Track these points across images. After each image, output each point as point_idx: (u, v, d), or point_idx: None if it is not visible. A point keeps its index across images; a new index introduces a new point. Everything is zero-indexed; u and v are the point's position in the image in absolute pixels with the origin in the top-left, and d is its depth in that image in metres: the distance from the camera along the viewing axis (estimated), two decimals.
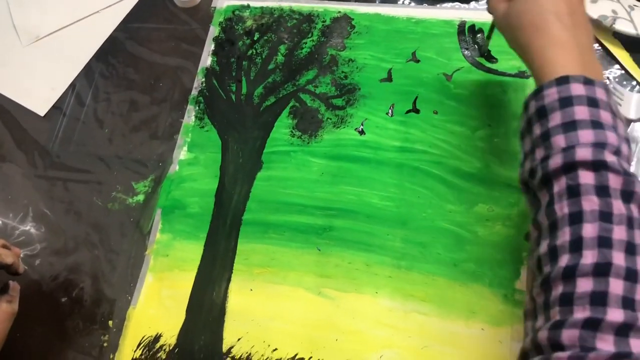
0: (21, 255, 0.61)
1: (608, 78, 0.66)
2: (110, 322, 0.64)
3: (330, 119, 0.70)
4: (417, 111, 0.68)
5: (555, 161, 0.43)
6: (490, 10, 0.56)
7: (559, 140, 0.43)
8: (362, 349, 0.58)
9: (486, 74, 0.69)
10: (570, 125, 0.43)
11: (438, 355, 0.57)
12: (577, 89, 0.44)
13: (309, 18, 0.77)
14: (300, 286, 0.62)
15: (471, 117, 0.67)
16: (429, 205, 0.63)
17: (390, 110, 0.69)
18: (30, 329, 0.65)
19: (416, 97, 0.69)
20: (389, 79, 0.71)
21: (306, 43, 0.75)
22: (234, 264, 0.64)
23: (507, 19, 0.51)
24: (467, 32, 0.72)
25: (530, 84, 0.67)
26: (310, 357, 0.59)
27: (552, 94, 0.45)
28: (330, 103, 0.71)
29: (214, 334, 0.61)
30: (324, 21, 0.76)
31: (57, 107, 0.78)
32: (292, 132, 0.70)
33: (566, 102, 0.44)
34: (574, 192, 0.41)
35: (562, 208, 0.42)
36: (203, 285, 0.64)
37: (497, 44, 0.69)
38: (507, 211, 0.62)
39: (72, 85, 0.79)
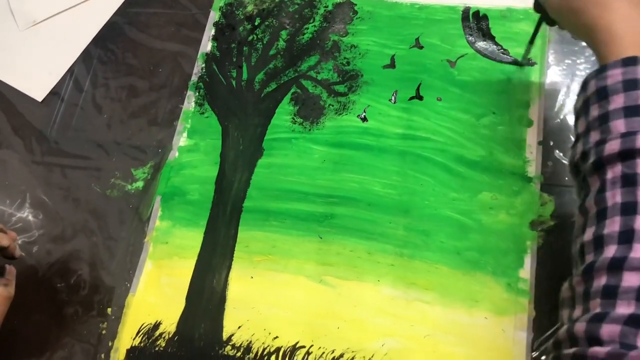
0: (18, 241, 0.60)
1: None
2: (109, 310, 0.63)
3: (332, 105, 0.69)
4: (420, 98, 0.67)
5: (612, 146, 0.40)
6: (539, 2, 0.53)
7: (619, 125, 0.41)
8: (363, 337, 0.58)
9: (490, 61, 0.68)
10: (633, 110, 0.40)
11: (440, 344, 0.57)
12: None
13: (310, 3, 0.75)
14: (301, 274, 0.61)
15: (475, 104, 0.66)
16: (431, 193, 0.63)
17: (393, 97, 0.68)
18: (28, 317, 0.64)
19: (419, 84, 0.68)
20: (392, 65, 0.70)
21: (308, 28, 0.74)
22: (235, 252, 0.64)
23: (565, 2, 0.48)
24: (471, 18, 0.70)
25: (535, 71, 0.66)
26: (311, 346, 0.58)
27: (616, 75, 0.42)
28: (332, 89, 0.70)
29: (214, 322, 0.61)
30: (326, 6, 0.75)
31: (54, 93, 0.77)
32: (293, 118, 0.69)
33: (631, 84, 0.41)
34: (629, 180, 0.39)
35: (615, 196, 0.39)
36: (203, 272, 0.63)
37: (502, 30, 0.69)
38: (511, 199, 0.61)
39: (70, 71, 0.78)
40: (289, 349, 0.58)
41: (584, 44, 0.65)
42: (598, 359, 0.35)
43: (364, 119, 0.67)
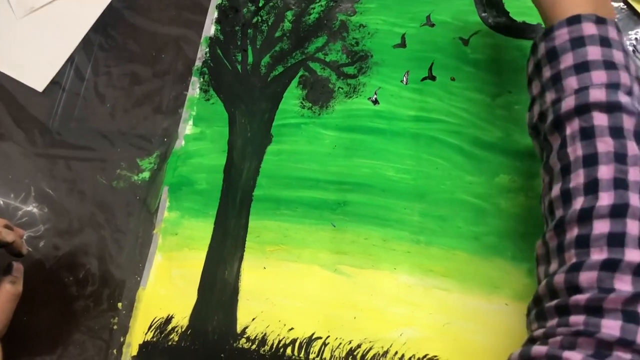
0: (24, 237, 0.59)
1: (636, 39, 0.63)
2: (119, 304, 0.62)
3: (342, 88, 0.67)
4: (433, 78, 0.65)
5: (568, 103, 0.42)
6: None
7: (572, 82, 0.43)
8: (381, 327, 0.57)
9: (505, 38, 0.65)
10: (583, 67, 0.42)
11: (460, 332, 0.55)
12: (589, 29, 0.43)
13: None
14: (316, 263, 0.60)
15: (490, 83, 0.64)
16: (447, 176, 0.61)
17: (404, 78, 0.66)
18: (37, 313, 0.63)
19: (432, 64, 0.65)
20: (403, 44, 0.67)
21: (314, 8, 0.71)
22: (246, 242, 0.62)
23: None
24: None
25: None
26: (328, 337, 0.57)
27: (562, 35, 0.44)
28: (341, 72, 0.67)
29: (227, 314, 0.59)
30: None
31: (55, 82, 0.74)
32: (302, 103, 0.67)
33: (578, 42, 0.43)
34: (587, 134, 0.41)
35: (576, 150, 0.41)
36: (214, 264, 0.62)
37: (516, 5, 0.66)
38: (530, 182, 0.59)
39: (71, 59, 0.75)
40: (305, 341, 0.57)
41: None
42: (579, 306, 0.36)
43: (375, 102, 0.65)
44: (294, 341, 0.57)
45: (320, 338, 0.57)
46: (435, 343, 0.55)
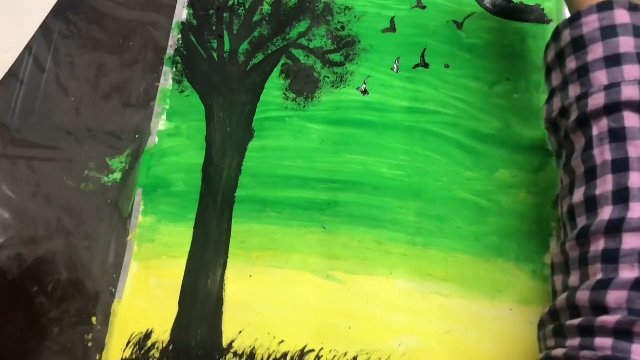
0: None
1: None
2: (93, 319, 0.57)
3: (328, 77, 0.62)
4: (426, 65, 0.61)
5: (596, 101, 0.38)
6: None
7: (600, 77, 0.38)
8: (378, 336, 0.53)
9: (502, 20, 0.61)
10: (614, 59, 0.38)
11: (462, 340, 0.52)
12: (622, 17, 0.39)
13: None
14: (306, 270, 0.56)
15: (487, 70, 0.60)
16: (444, 172, 0.57)
17: (395, 66, 0.61)
18: (2, 331, 0.58)
19: (424, 50, 0.61)
20: (393, 29, 0.63)
21: None
22: (229, 248, 0.57)
23: None
24: None
25: (551, 30, 0.59)
26: (322, 349, 0.53)
27: (592, 22, 0.39)
28: (327, 59, 0.62)
29: (212, 328, 0.55)
30: None
31: (12, 74, 0.68)
32: (285, 94, 0.62)
33: (609, 32, 0.39)
34: (617, 135, 0.37)
35: (603, 153, 0.37)
36: (196, 273, 0.57)
37: None
38: (533, 176, 0.55)
39: (28, 48, 0.69)
40: (297, 354, 0.53)
41: None
42: (607, 329, 0.33)
43: (365, 92, 0.61)
44: (285, 355, 0.53)
45: (314, 351, 0.53)
46: (437, 352, 0.52)
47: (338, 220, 0.57)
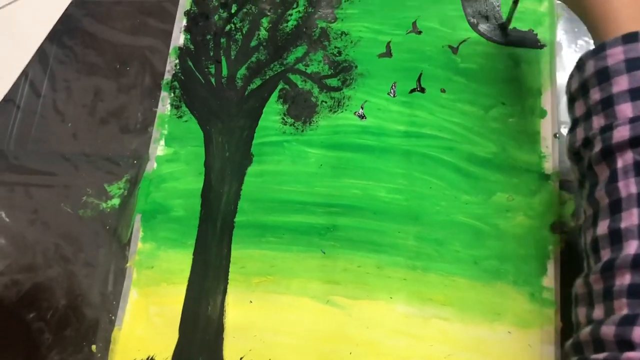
0: None
1: None
2: (93, 347, 0.57)
3: (326, 102, 0.62)
4: (422, 90, 0.61)
5: (621, 133, 0.38)
6: None
7: (625, 109, 0.38)
8: None
9: (496, 45, 0.62)
10: (639, 92, 0.38)
11: None
12: None
13: None
14: (306, 295, 0.56)
15: (482, 94, 0.60)
16: (442, 196, 0.57)
17: (392, 90, 0.62)
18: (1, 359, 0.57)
19: (420, 74, 0.62)
20: (388, 53, 0.63)
21: (292, 15, 0.66)
22: (229, 274, 0.58)
23: None
24: None
25: (545, 54, 0.60)
26: None
27: (617, 54, 0.39)
28: (324, 84, 0.63)
29: (212, 355, 0.55)
30: None
31: (8, 100, 0.68)
32: (283, 119, 0.62)
33: (634, 64, 0.39)
34: None
35: (628, 186, 0.37)
36: (196, 299, 0.57)
37: (506, 10, 0.62)
38: (529, 200, 0.56)
39: (25, 73, 0.69)
40: None
41: None
42: None
43: (362, 116, 0.61)
44: None
45: None
46: None
47: (337, 244, 0.57)
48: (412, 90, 0.61)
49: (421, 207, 0.57)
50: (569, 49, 0.61)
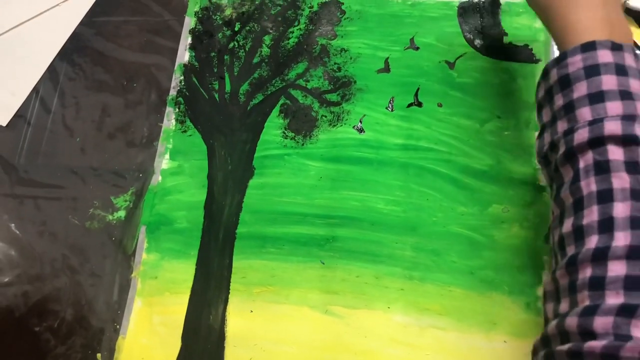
0: None
1: None
2: (98, 355, 0.58)
3: (325, 116, 0.64)
4: (419, 104, 0.63)
5: (581, 135, 0.40)
6: None
7: (585, 113, 0.41)
8: None
9: (492, 60, 0.63)
10: (597, 96, 0.40)
11: None
12: (605, 56, 0.41)
13: (294, 4, 0.70)
14: (305, 304, 0.57)
15: (478, 108, 0.62)
16: (439, 208, 0.59)
17: (390, 105, 0.63)
18: None
19: (418, 89, 0.63)
20: (387, 69, 0.65)
21: (293, 32, 0.68)
22: (231, 284, 0.59)
23: None
24: (468, 13, 0.66)
25: (540, 69, 0.61)
26: None
27: (576, 62, 0.42)
28: (324, 99, 0.65)
29: None
30: (310, 7, 0.69)
31: (20, 115, 0.70)
32: (284, 133, 0.64)
33: (592, 70, 0.41)
34: (602, 168, 0.39)
35: (589, 185, 0.39)
36: (198, 308, 0.58)
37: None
38: (524, 211, 0.57)
39: (35, 90, 0.71)
40: None
41: None
42: (595, 354, 0.34)
43: (361, 130, 0.63)
44: None
45: None
46: None
47: (336, 255, 0.58)
48: (410, 105, 0.63)
49: (418, 219, 0.58)
50: None
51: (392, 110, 0.63)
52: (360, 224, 0.59)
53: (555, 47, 0.62)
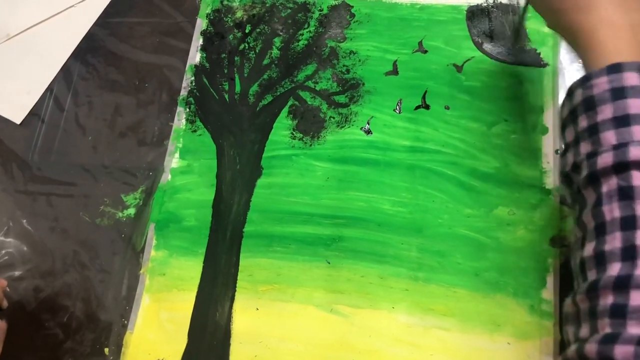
0: (6, 288, 0.56)
1: None
2: (106, 350, 0.59)
3: (333, 118, 0.65)
4: (427, 107, 0.63)
5: (605, 159, 0.39)
6: None
7: (609, 137, 0.40)
8: None
9: (500, 64, 0.64)
10: (623, 120, 0.39)
11: None
12: (631, 79, 0.40)
13: (304, 7, 0.71)
14: (310, 303, 0.58)
15: (486, 111, 0.62)
16: (445, 210, 0.59)
17: (397, 107, 0.64)
18: (18, 359, 0.60)
19: (425, 92, 0.64)
20: (395, 71, 0.66)
21: (303, 35, 0.69)
22: (237, 281, 0.60)
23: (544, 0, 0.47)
24: (477, 17, 0.66)
25: (548, 73, 0.62)
26: None
27: (602, 84, 0.41)
28: (332, 100, 0.65)
29: (220, 359, 0.57)
30: (320, 10, 0.70)
31: (34, 114, 0.71)
32: (292, 133, 0.65)
33: (618, 93, 0.40)
34: (626, 194, 0.38)
35: (612, 211, 0.38)
36: (205, 305, 0.59)
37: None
38: (530, 214, 0.57)
39: (50, 89, 0.72)
40: None
41: None
42: None
43: (368, 132, 0.63)
44: None
45: None
46: None
47: (342, 255, 0.59)
48: (417, 107, 0.63)
49: (424, 220, 0.59)
50: (570, 68, 0.62)
51: (399, 113, 0.63)
52: (366, 224, 0.60)
53: (563, 51, 0.63)
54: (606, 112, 0.40)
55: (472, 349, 0.54)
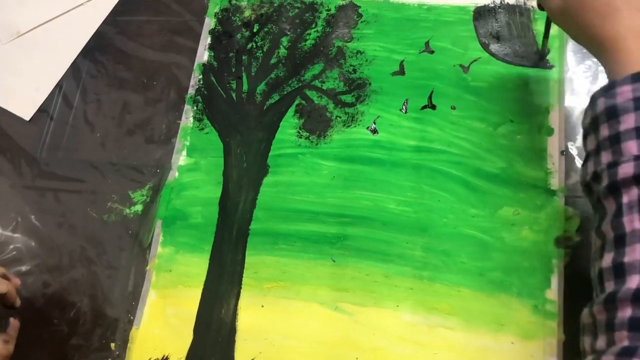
0: (19, 287, 0.56)
1: None
2: (112, 345, 0.60)
3: (340, 117, 0.65)
4: (433, 107, 0.63)
5: (626, 170, 0.39)
6: (540, 4, 0.51)
7: (631, 147, 0.39)
8: None
9: (506, 65, 0.64)
10: None
11: None
12: None
13: (312, 7, 0.71)
14: (315, 301, 0.58)
15: (492, 112, 0.62)
16: (450, 209, 0.59)
17: (404, 107, 0.64)
18: (26, 354, 0.60)
19: (432, 92, 0.64)
20: (402, 72, 0.66)
21: (310, 34, 0.70)
22: (243, 279, 0.60)
23: (565, 11, 0.46)
24: (484, 18, 0.66)
25: (554, 75, 0.62)
26: None
27: (625, 93, 0.40)
28: (339, 100, 0.66)
29: (224, 355, 0.57)
30: (328, 10, 0.71)
31: (43, 110, 0.72)
32: (299, 132, 0.65)
33: None
34: None
35: (633, 222, 0.38)
36: (210, 302, 0.60)
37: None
38: (534, 214, 0.57)
39: (59, 86, 0.73)
40: None
41: None
42: None
43: (374, 131, 0.64)
44: None
45: None
46: None
47: (347, 253, 0.59)
48: (424, 107, 0.64)
49: (429, 219, 0.59)
50: (576, 69, 0.62)
51: (405, 112, 0.64)
52: (371, 223, 0.60)
53: (569, 52, 0.63)
54: (629, 121, 0.39)
55: (476, 348, 0.54)
